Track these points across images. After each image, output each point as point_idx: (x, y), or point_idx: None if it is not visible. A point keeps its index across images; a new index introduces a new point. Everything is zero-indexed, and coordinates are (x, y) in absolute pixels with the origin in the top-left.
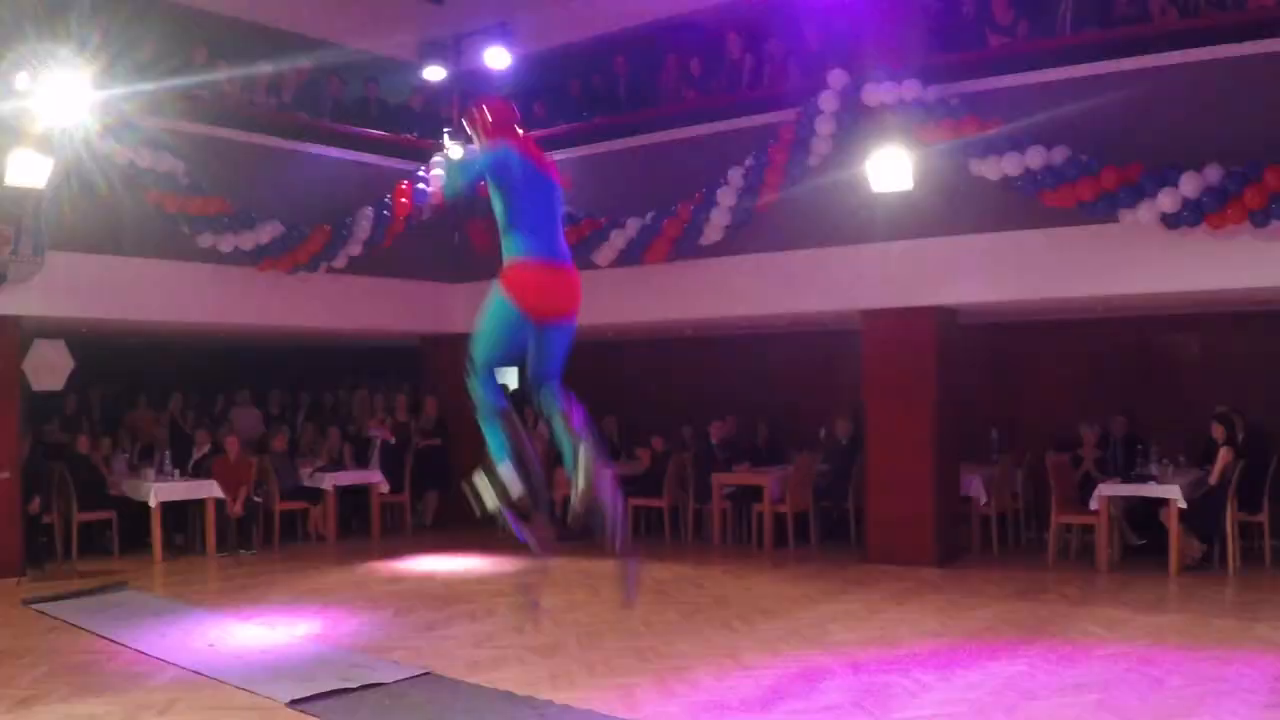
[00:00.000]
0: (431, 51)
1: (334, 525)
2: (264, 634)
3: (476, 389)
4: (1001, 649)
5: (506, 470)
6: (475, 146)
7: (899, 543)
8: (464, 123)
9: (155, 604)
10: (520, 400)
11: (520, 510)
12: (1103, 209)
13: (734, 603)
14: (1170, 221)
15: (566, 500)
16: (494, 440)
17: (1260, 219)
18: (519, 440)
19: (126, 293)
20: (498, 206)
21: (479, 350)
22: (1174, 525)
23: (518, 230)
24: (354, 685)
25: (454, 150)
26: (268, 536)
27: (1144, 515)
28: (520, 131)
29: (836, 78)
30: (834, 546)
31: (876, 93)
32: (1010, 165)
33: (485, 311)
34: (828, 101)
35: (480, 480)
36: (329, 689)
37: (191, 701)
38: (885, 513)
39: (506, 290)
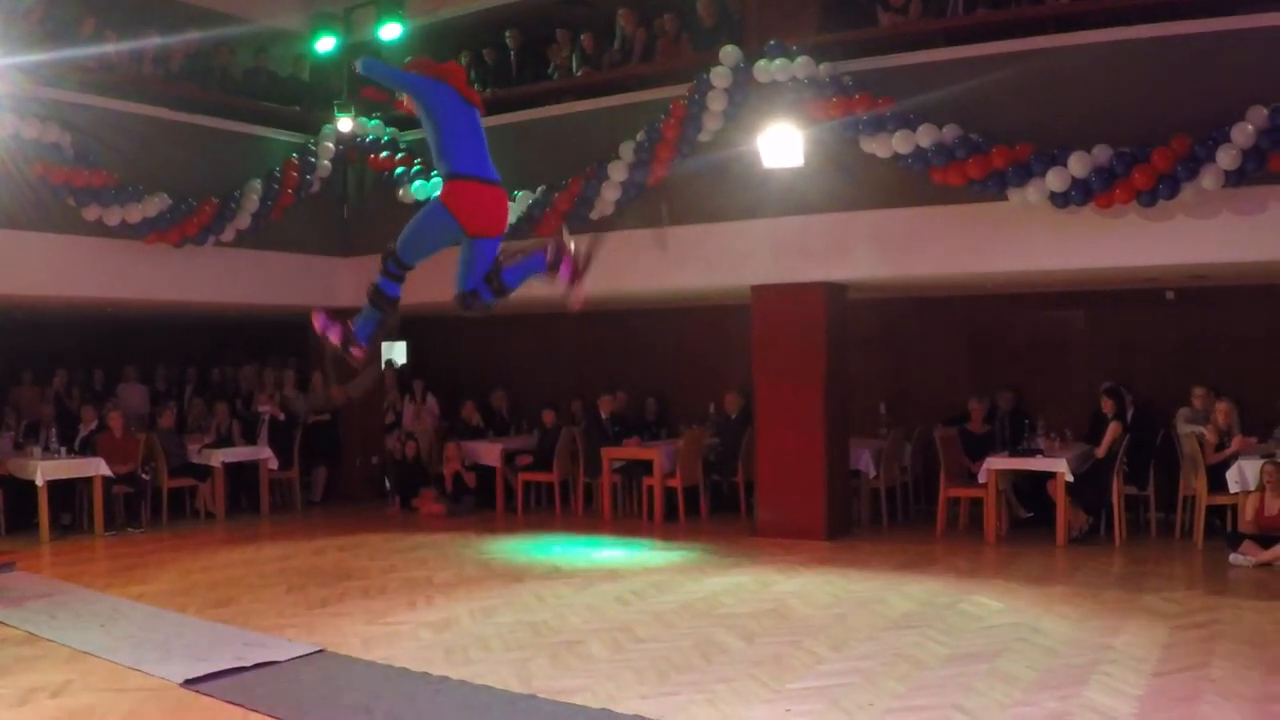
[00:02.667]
0: (322, 22)
1: (223, 502)
2: (155, 613)
3: (384, 280)
4: (893, 620)
5: (361, 351)
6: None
7: (789, 516)
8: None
9: (44, 585)
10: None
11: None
12: (992, 187)
13: (625, 576)
14: (1058, 201)
15: (456, 476)
16: (368, 323)
17: (1147, 199)
18: (386, 329)
19: (10, 267)
20: (430, 133)
21: (407, 247)
22: (1061, 498)
23: (454, 153)
24: (248, 664)
25: (343, 123)
26: (156, 514)
27: (1031, 488)
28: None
29: (729, 54)
30: (724, 520)
31: (768, 69)
32: (901, 143)
33: (424, 217)
34: (720, 77)
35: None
36: (223, 668)
37: (85, 683)
38: (775, 486)
39: (450, 204)
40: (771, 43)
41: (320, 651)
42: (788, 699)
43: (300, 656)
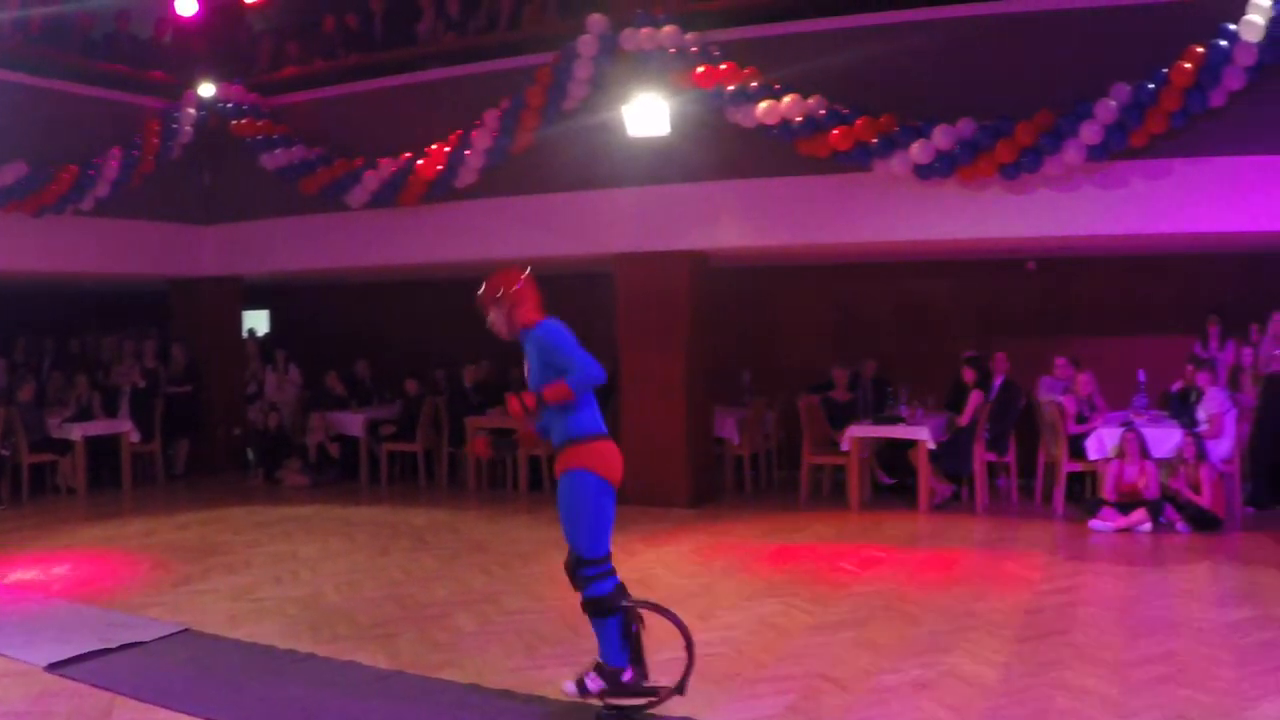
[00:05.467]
0: None
1: (84, 477)
2: (17, 595)
3: (594, 585)
4: (758, 589)
5: (630, 678)
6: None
7: (653, 484)
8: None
9: None
10: None
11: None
12: (856, 158)
13: (492, 548)
14: (922, 172)
15: (320, 447)
16: (611, 640)
17: (1010, 172)
18: (638, 626)
19: None
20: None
21: (593, 542)
22: (923, 465)
23: (583, 403)
24: (113, 645)
25: (205, 89)
26: (16, 491)
27: (894, 456)
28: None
29: (595, 22)
30: None
31: (635, 38)
32: (766, 113)
33: (584, 501)
34: (586, 45)
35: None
36: (88, 650)
37: None
38: (639, 455)
39: (602, 471)
40: (639, 11)
41: (185, 630)
42: (655, 670)
43: (166, 636)
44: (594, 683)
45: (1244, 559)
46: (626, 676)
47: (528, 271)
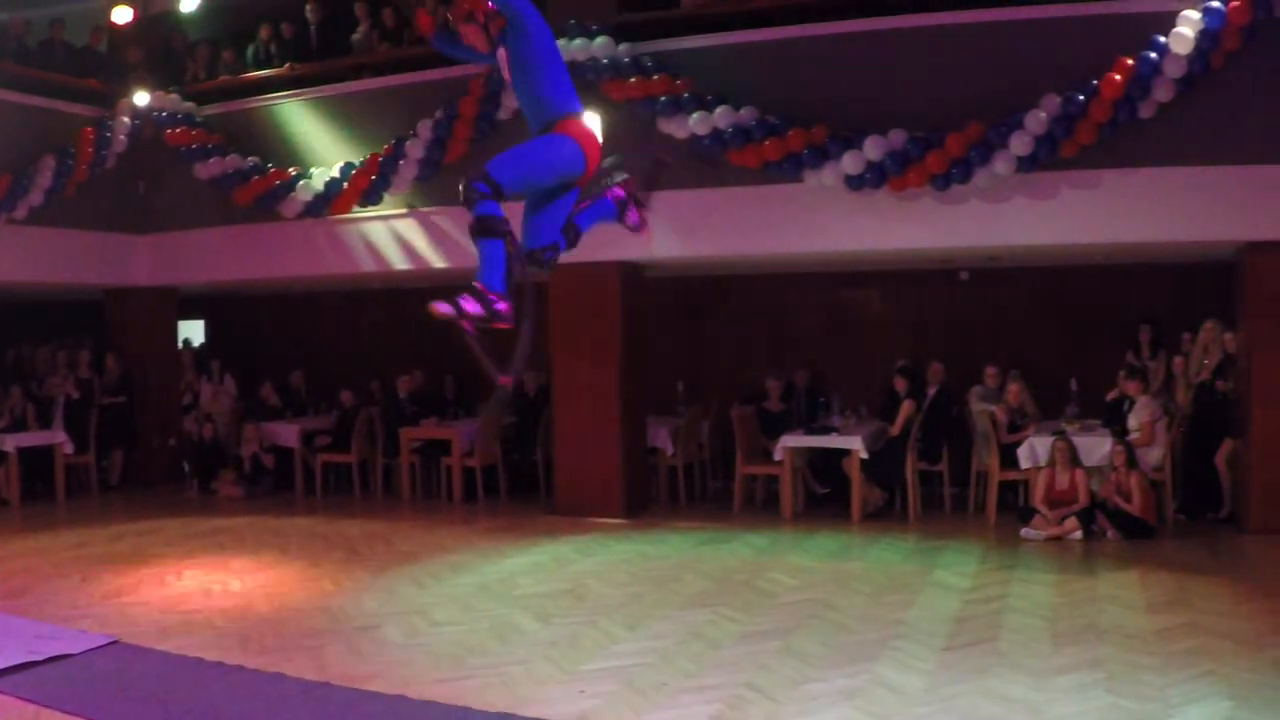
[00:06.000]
0: None
1: (18, 488)
2: None
3: (481, 205)
4: (688, 598)
5: (507, 304)
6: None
7: (587, 494)
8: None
9: None
10: None
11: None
12: (788, 169)
13: (424, 559)
14: (853, 183)
15: (255, 457)
16: (494, 266)
17: (941, 183)
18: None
19: None
20: (535, 67)
21: (506, 167)
22: (856, 475)
23: (570, 88)
24: (41, 658)
25: (140, 97)
26: None
27: (827, 465)
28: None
29: None
30: (523, 499)
31: (568, 49)
32: (698, 124)
33: (547, 144)
34: None
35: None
36: (16, 663)
37: None
38: (573, 465)
39: (585, 144)
40: (571, 22)
41: (114, 642)
42: (582, 680)
43: (94, 648)
44: (469, 304)
45: (1173, 566)
46: (500, 305)
47: None
